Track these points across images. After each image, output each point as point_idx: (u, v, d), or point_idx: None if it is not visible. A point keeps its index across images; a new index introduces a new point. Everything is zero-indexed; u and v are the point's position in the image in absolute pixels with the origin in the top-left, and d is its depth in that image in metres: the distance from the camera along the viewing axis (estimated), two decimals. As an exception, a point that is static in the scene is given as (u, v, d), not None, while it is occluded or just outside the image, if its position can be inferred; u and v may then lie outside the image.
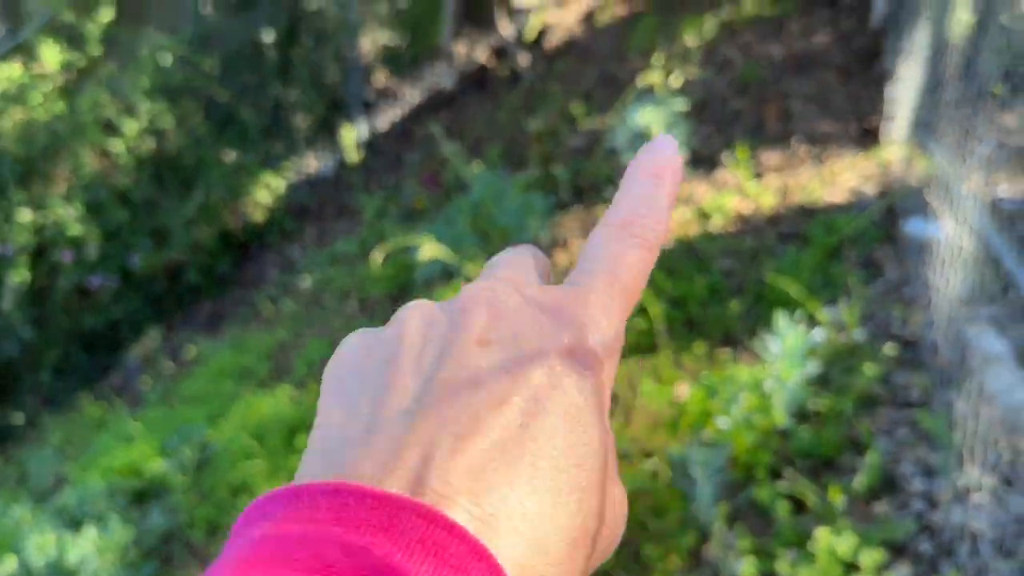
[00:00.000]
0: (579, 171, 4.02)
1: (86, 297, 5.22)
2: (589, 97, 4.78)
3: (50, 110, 5.03)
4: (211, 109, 5.55)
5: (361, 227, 5.18)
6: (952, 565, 1.89)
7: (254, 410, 3.44)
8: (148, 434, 3.70)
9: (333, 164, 5.91)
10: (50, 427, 4.83)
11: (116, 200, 5.07)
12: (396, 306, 1.92)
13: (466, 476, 0.27)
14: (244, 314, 5.12)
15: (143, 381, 4.70)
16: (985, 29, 3.07)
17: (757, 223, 3.21)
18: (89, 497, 3.38)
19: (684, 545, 2.10)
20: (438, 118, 5.65)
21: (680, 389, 2.57)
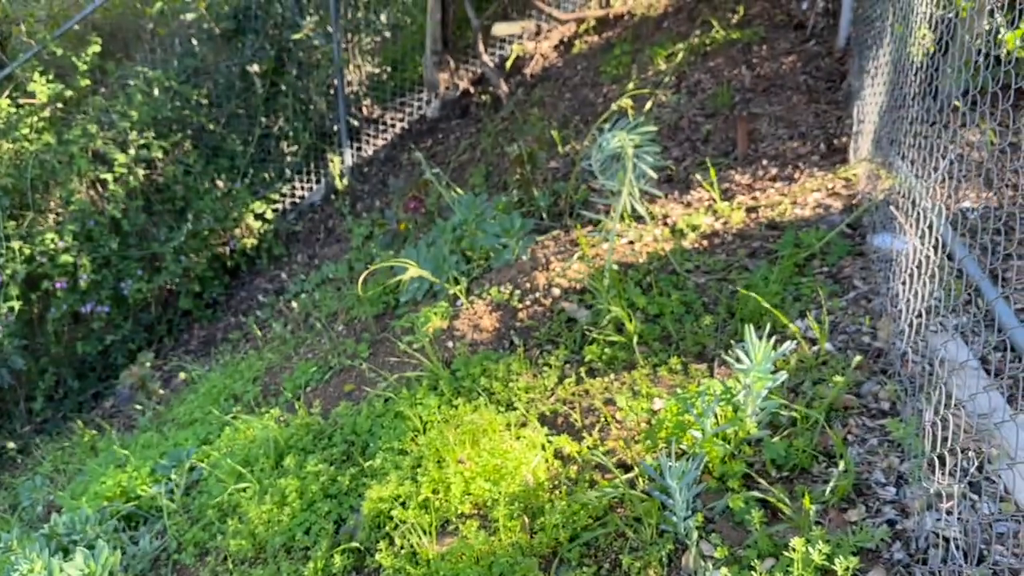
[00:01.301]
0: (557, 194, 4.11)
1: (78, 324, 5.27)
2: (566, 122, 4.89)
3: (39, 142, 5.11)
4: (200, 139, 5.64)
5: (349, 251, 5.26)
6: (926, 571, 1.93)
7: (243, 433, 3.49)
8: (139, 458, 3.73)
9: (321, 190, 6.00)
10: (42, 454, 4.85)
11: (107, 229, 5.14)
12: (381, 325, 2.08)
13: None
14: (235, 338, 5.18)
15: (135, 406, 4.74)
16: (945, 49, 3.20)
17: (728, 240, 3.31)
18: (79, 523, 3.40)
19: (662, 555, 2.16)
20: (422, 145, 5.76)
21: (656, 403, 2.64)
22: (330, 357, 3.95)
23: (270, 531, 2.81)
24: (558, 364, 2.93)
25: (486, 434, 2.69)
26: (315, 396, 3.69)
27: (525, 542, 2.30)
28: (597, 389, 2.76)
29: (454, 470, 2.55)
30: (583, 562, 2.23)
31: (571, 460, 2.53)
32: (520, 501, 2.41)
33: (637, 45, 5.11)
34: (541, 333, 3.15)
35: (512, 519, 2.35)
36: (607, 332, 2.92)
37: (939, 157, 2.84)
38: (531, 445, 2.60)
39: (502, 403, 2.88)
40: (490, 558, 2.27)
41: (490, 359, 3.08)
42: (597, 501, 2.33)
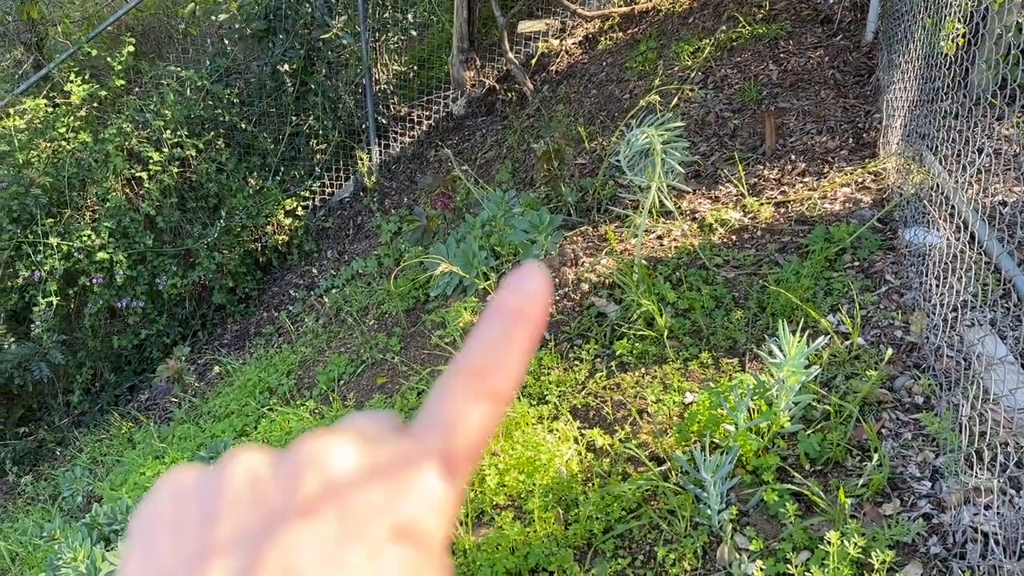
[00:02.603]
0: (585, 190, 4.14)
1: (114, 319, 5.38)
2: (592, 119, 4.90)
3: (76, 141, 5.22)
4: (232, 138, 5.73)
5: (377, 247, 5.33)
6: (963, 566, 1.94)
7: (279, 425, 3.56)
8: (176, 450, 3.82)
9: (350, 187, 6.07)
10: (80, 446, 4.96)
11: (142, 226, 5.24)
12: (412, 319, 2.14)
13: None
14: (267, 332, 5.27)
15: (171, 399, 4.83)
16: (979, 42, 3.18)
17: (757, 235, 3.32)
18: (119, 513, 3.49)
19: (696, 547, 2.19)
20: (448, 142, 5.80)
21: (687, 397, 2.67)
22: (362, 351, 4.01)
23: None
24: (589, 358, 2.96)
25: (519, 427, 2.73)
26: (349, 389, 3.75)
27: (560, 533, 2.34)
28: (628, 383, 2.79)
29: (488, 462, 2.59)
30: (617, 553, 2.27)
31: (603, 453, 2.57)
32: (554, 493, 2.44)
33: (663, 41, 5.11)
34: (571, 328, 3.18)
35: (546, 510, 2.39)
36: (637, 327, 2.95)
37: (973, 151, 2.84)
38: (564, 438, 2.63)
39: (534, 396, 2.92)
40: (525, 548, 2.31)
41: (521, 353, 3.11)
42: (630, 494, 2.36)
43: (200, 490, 0.31)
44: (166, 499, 0.32)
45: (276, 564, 0.27)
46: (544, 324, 0.35)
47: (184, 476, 0.33)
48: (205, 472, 0.32)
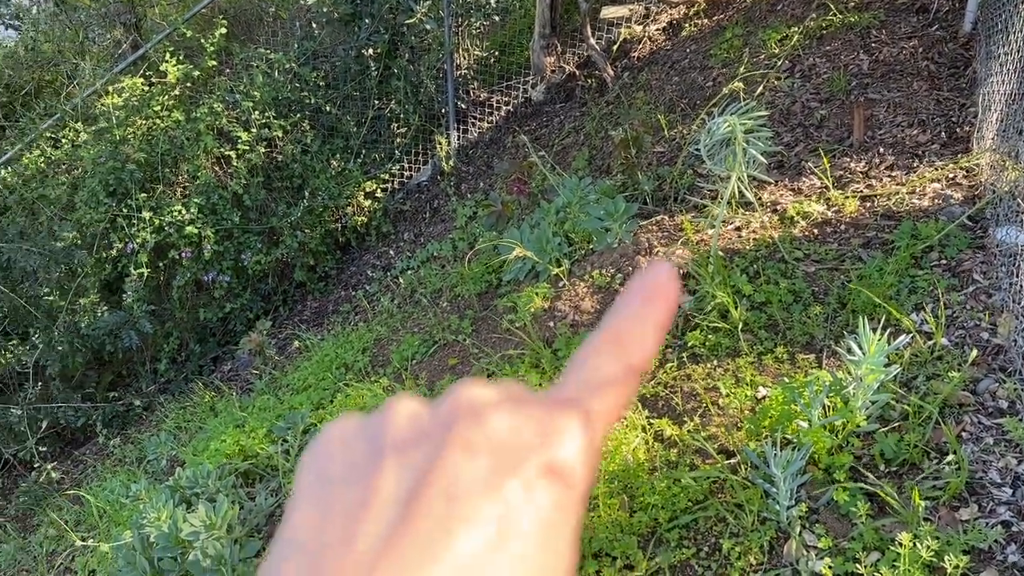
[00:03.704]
0: (662, 178, 4.10)
1: (201, 292, 5.62)
2: (673, 106, 4.84)
3: (170, 119, 5.45)
4: (317, 120, 5.90)
5: (453, 231, 5.40)
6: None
7: (354, 400, 3.67)
8: (256, 420, 3.98)
9: (428, 171, 6.16)
10: (165, 412, 5.22)
11: (230, 203, 5.44)
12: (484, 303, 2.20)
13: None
14: (345, 310, 5.42)
15: (252, 370, 5.03)
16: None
17: (841, 229, 3.23)
18: (201, 477, 3.67)
19: (763, 542, 2.17)
20: (526, 127, 5.82)
21: (760, 391, 2.63)
22: (435, 332, 4.09)
23: (378, 494, 2.96)
24: (659, 348, 2.95)
25: (587, 413, 2.74)
26: (421, 368, 3.84)
27: (624, 520, 2.35)
28: (699, 375, 2.77)
29: (555, 446, 2.62)
30: (682, 544, 2.27)
31: (671, 443, 2.56)
32: (620, 480, 2.46)
33: (749, 28, 4.99)
34: (643, 317, 3.17)
35: (611, 497, 2.41)
36: (711, 318, 2.92)
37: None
38: (631, 426, 2.64)
39: (603, 384, 2.93)
40: (589, 533, 2.33)
41: (592, 340, 3.12)
42: (697, 485, 2.35)
43: (365, 429, 0.34)
44: (334, 437, 0.34)
45: (439, 487, 0.29)
46: (675, 309, 0.38)
47: (348, 420, 0.35)
48: (367, 417, 0.35)
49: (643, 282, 0.38)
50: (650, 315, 0.37)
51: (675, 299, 0.38)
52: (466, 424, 0.32)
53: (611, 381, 0.35)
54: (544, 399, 0.34)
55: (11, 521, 5.16)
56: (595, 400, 0.35)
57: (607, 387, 0.35)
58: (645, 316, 0.37)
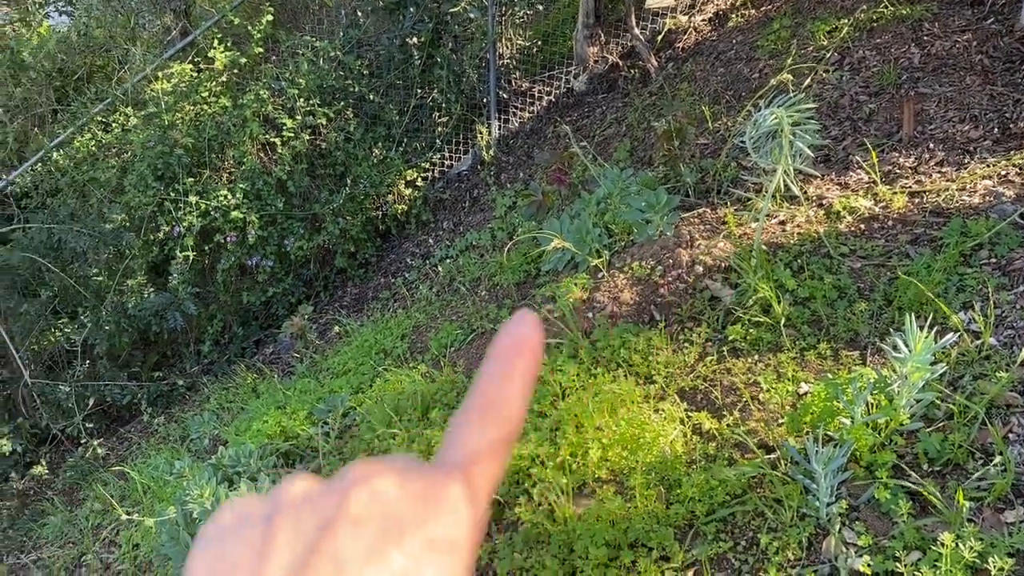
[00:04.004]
0: (705, 171, 4.06)
1: (244, 276, 5.72)
2: (717, 98, 4.79)
3: (217, 105, 5.54)
4: (360, 108, 5.95)
5: (492, 220, 5.42)
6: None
7: (392, 385, 3.71)
8: (297, 402, 4.05)
9: (468, 160, 6.19)
10: (208, 392, 5.33)
11: (274, 189, 5.52)
12: (522, 293, 2.22)
13: None
14: (384, 297, 5.48)
15: (293, 354, 5.12)
16: None
17: (888, 225, 3.17)
18: (243, 456, 3.75)
19: (801, 538, 2.16)
20: (567, 118, 5.81)
21: (802, 387, 2.61)
22: (473, 320, 4.11)
23: (415, 478, 2.99)
24: (699, 341, 2.94)
25: (624, 404, 2.74)
26: (459, 356, 3.86)
27: (661, 512, 2.35)
28: (740, 369, 2.75)
29: (592, 436, 2.62)
30: (719, 537, 2.26)
31: (710, 437, 2.55)
32: (657, 472, 2.46)
33: (797, 19, 4.91)
34: (683, 309, 3.16)
35: (648, 488, 2.41)
36: (753, 312, 2.89)
37: None
38: (669, 418, 2.63)
39: (641, 375, 2.93)
40: (626, 523, 2.34)
41: (630, 331, 3.12)
42: (736, 479, 2.34)
43: (261, 504, 0.37)
44: (230, 513, 0.37)
45: (329, 555, 0.32)
46: (539, 361, 0.43)
47: (245, 499, 0.38)
48: (263, 495, 0.38)
49: (508, 337, 0.41)
50: (517, 371, 0.40)
51: (540, 349, 0.42)
52: (356, 497, 0.34)
53: (487, 447, 0.39)
54: (429, 471, 0.37)
55: (58, 495, 5.33)
56: (475, 467, 0.38)
57: (484, 453, 0.39)
58: (512, 373, 0.40)
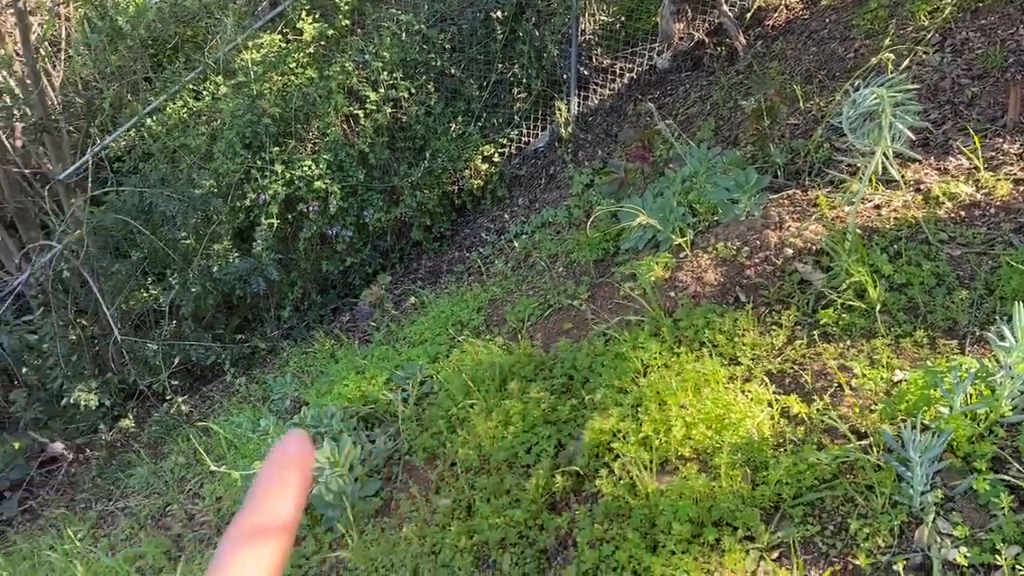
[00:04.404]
0: (795, 151, 3.96)
1: (324, 245, 5.85)
2: (809, 78, 4.65)
3: (304, 76, 5.64)
4: (442, 82, 5.98)
5: (568, 197, 5.40)
6: None
7: (470, 356, 3.75)
8: (376, 368, 4.14)
9: (545, 137, 6.17)
10: (287, 356, 5.49)
11: (355, 161, 5.61)
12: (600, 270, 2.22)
13: None
14: (458, 271, 5.53)
15: (370, 322, 5.22)
16: None
17: (991, 212, 3.05)
18: (325, 417, 3.85)
19: (893, 525, 2.11)
20: (649, 96, 5.73)
21: (897, 374, 2.54)
22: (549, 296, 4.12)
23: (494, 446, 3.03)
24: (788, 324, 2.89)
25: (708, 384, 2.72)
26: (536, 330, 3.88)
27: (747, 492, 2.33)
28: (831, 354, 2.69)
29: (676, 413, 2.61)
30: (806, 520, 2.23)
31: (798, 420, 2.51)
32: (743, 452, 2.43)
33: (897, -2, 4.73)
34: (770, 292, 3.10)
35: (734, 468, 2.39)
36: (846, 297, 2.83)
37: None
38: (756, 400, 2.60)
39: (725, 356, 2.89)
40: (710, 501, 2.33)
41: (715, 312, 3.08)
42: (826, 464, 2.30)
43: None
44: None
45: None
46: (310, 476, 0.48)
47: None
48: None
49: (280, 454, 0.46)
50: (289, 484, 0.45)
51: (310, 465, 0.47)
52: None
53: (259, 559, 0.43)
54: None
55: (144, 447, 5.58)
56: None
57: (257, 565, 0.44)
58: (285, 488, 0.45)
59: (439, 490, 3.15)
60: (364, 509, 3.25)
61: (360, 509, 3.24)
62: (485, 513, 2.77)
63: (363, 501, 3.30)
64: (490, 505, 2.80)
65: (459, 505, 2.97)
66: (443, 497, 3.06)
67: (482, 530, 2.73)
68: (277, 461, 0.47)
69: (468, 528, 2.80)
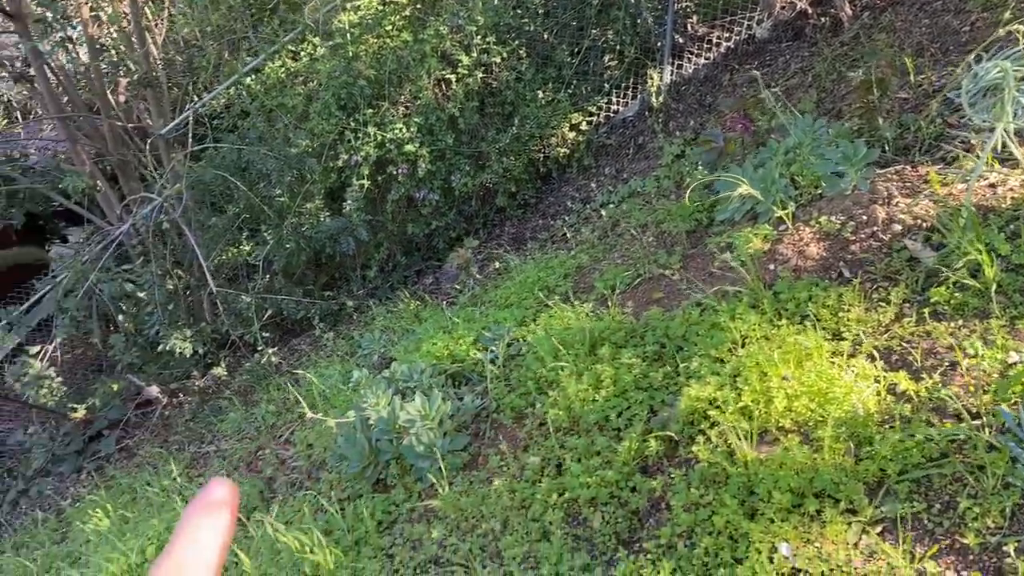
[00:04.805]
0: (904, 126, 3.82)
1: (411, 208, 5.94)
2: (921, 51, 4.46)
3: (399, 39, 5.70)
4: (533, 48, 5.96)
5: (657, 168, 5.34)
6: None
7: (557, 320, 3.78)
8: (464, 328, 4.21)
9: (635, 106, 6.10)
10: (373, 314, 5.62)
11: (445, 125, 5.66)
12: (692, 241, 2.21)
13: None
14: (542, 238, 5.55)
15: (455, 285, 5.30)
16: None
17: None
18: (415, 373, 3.94)
19: (1004, 506, 2.06)
20: (746, 66, 5.59)
21: (1012, 356, 2.46)
22: (639, 264, 4.11)
23: (584, 408, 3.06)
24: (896, 301, 2.81)
25: (810, 357, 2.68)
26: (626, 298, 3.88)
27: (850, 466, 2.30)
28: (941, 332, 2.62)
29: (777, 385, 2.59)
30: (912, 497, 2.19)
31: (906, 398, 2.46)
32: (847, 427, 2.40)
33: (1020, -33, 4.47)
34: (877, 268, 3.02)
35: (838, 442, 2.36)
36: (959, 275, 2.73)
37: None
38: (862, 376, 2.55)
39: (828, 331, 2.84)
40: (811, 472, 2.31)
41: (818, 286, 3.03)
42: (935, 442, 2.25)
43: None
44: None
45: None
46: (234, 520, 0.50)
47: None
48: None
49: (207, 497, 0.49)
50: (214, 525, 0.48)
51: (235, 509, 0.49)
52: None
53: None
54: None
55: (235, 395, 5.82)
56: None
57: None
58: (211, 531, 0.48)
59: (527, 448, 3.20)
60: (453, 462, 3.33)
61: (449, 462, 3.32)
62: (576, 472, 2.81)
63: (452, 455, 3.38)
64: (581, 465, 2.84)
65: (548, 463, 3.02)
66: (532, 455, 3.11)
67: (573, 488, 2.77)
68: (204, 503, 0.50)
69: (559, 485, 2.85)
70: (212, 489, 0.50)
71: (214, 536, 0.49)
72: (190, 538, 0.48)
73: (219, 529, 0.49)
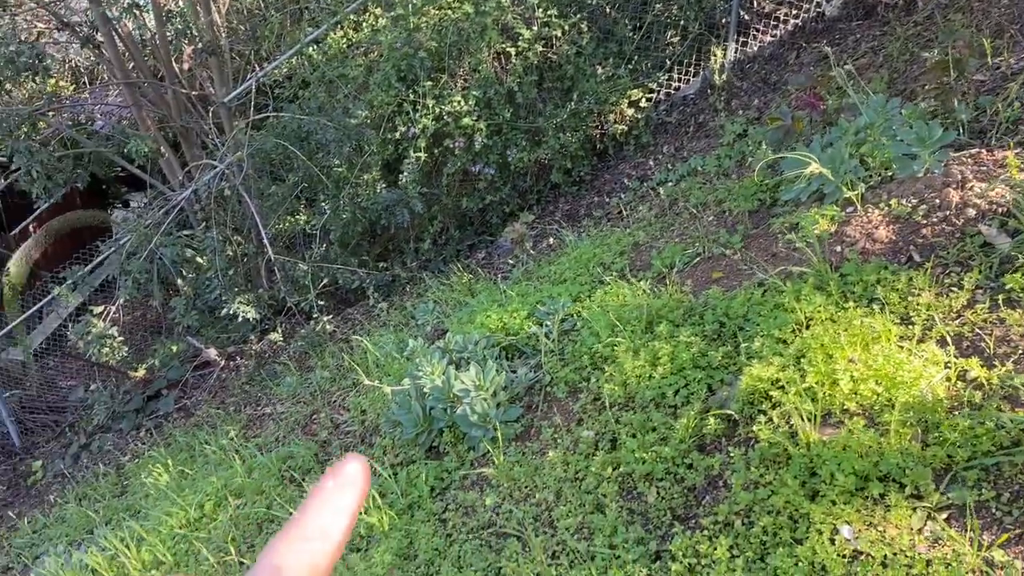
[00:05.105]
0: (981, 108, 3.69)
1: (466, 182, 5.96)
2: (1000, 31, 4.29)
3: (460, 11, 5.68)
4: (595, 22, 5.89)
5: (718, 147, 5.26)
6: None
7: (614, 296, 3.77)
8: (518, 302, 4.22)
9: (696, 84, 6.00)
10: (427, 286, 5.67)
11: (503, 99, 5.64)
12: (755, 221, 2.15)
13: None
14: (597, 215, 5.52)
15: (508, 260, 5.31)
16: None
17: None
18: (469, 344, 3.97)
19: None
20: (813, 44, 5.45)
21: (1092, 346, 2.37)
22: (699, 243, 4.06)
23: (641, 384, 3.06)
24: (968, 287, 2.73)
25: (878, 341, 2.63)
26: (684, 277, 3.85)
27: (916, 451, 2.26)
28: (1015, 320, 2.54)
29: (843, 367, 2.54)
30: (980, 484, 2.15)
31: (977, 385, 2.40)
32: (915, 412, 2.35)
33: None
34: (949, 253, 2.94)
35: (904, 426, 2.32)
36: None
37: None
38: (931, 361, 2.50)
39: (897, 315, 2.78)
40: (876, 456, 2.27)
41: (887, 269, 2.96)
42: (1006, 430, 2.20)
43: None
44: None
45: None
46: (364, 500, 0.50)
47: None
48: None
49: (336, 473, 0.49)
50: (344, 504, 0.48)
51: (365, 489, 0.50)
52: None
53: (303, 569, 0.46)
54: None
55: (290, 360, 5.94)
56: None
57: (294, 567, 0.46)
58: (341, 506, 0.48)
59: (581, 422, 3.21)
60: (506, 433, 3.36)
61: (502, 432, 3.35)
62: (631, 447, 2.81)
63: (505, 425, 3.41)
64: (636, 440, 2.84)
65: (603, 438, 3.02)
66: (586, 429, 3.12)
67: (628, 462, 2.77)
68: (335, 479, 0.49)
69: (613, 459, 2.85)
70: (345, 465, 0.50)
71: (342, 513, 0.49)
72: (318, 512, 0.48)
73: (348, 507, 0.49)
